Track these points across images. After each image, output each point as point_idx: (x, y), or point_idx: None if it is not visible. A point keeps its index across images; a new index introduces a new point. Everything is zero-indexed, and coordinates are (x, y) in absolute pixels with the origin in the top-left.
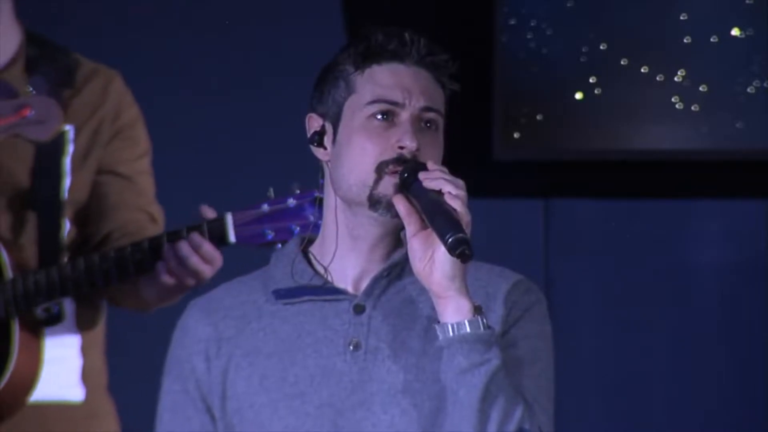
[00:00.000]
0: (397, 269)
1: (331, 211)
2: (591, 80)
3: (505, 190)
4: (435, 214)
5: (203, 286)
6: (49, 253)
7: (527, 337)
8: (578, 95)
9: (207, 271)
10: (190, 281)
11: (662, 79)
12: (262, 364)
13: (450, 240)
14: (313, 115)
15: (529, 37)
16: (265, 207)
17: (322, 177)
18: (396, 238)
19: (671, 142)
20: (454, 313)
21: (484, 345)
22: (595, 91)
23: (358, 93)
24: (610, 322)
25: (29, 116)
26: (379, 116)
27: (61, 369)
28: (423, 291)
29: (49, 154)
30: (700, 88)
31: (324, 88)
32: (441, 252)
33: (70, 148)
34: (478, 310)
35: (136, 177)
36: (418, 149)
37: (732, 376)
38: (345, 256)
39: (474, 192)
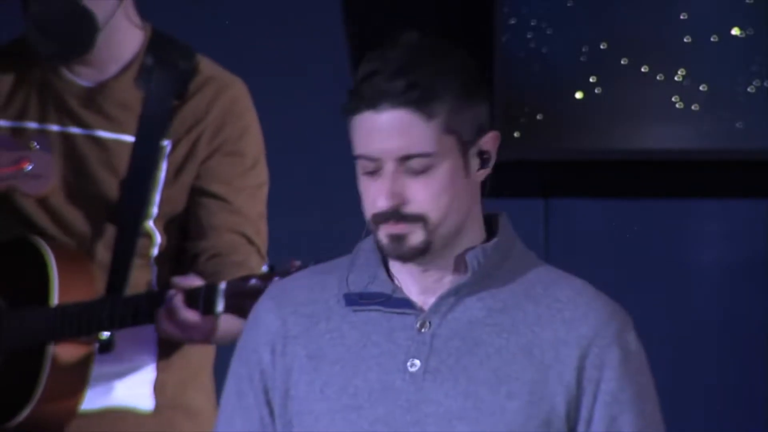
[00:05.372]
0: (465, 289)
1: None
2: (591, 80)
3: (505, 190)
4: None
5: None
6: (120, 270)
7: (619, 416)
8: (578, 95)
9: (176, 335)
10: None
11: (662, 78)
12: (326, 371)
13: None
14: None
15: (529, 36)
16: (254, 281)
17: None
18: (447, 260)
19: (671, 141)
20: None
21: None
22: (596, 91)
23: (353, 138)
24: None
25: (26, 169)
26: (365, 171)
27: (135, 380)
28: (490, 312)
29: (142, 169)
30: (701, 88)
31: None
32: None
33: (164, 164)
34: None
35: (233, 196)
36: (396, 205)
37: (732, 375)
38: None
39: None
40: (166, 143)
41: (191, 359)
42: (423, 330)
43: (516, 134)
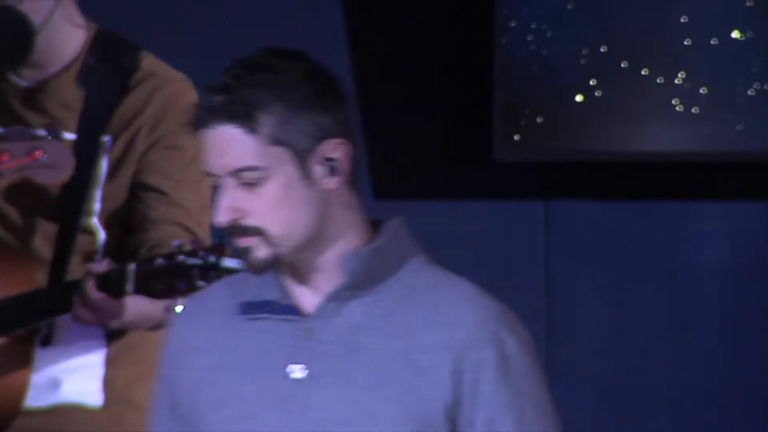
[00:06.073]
0: (345, 293)
1: None
2: (591, 82)
3: (506, 192)
4: None
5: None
6: (61, 266)
7: (498, 419)
8: (579, 97)
9: (91, 319)
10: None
11: (662, 81)
12: (224, 381)
13: None
14: None
15: (529, 39)
16: (160, 261)
17: None
18: (319, 266)
19: (671, 144)
20: None
21: None
22: (596, 93)
23: None
24: (610, 323)
25: (40, 159)
26: (213, 185)
27: (83, 376)
28: (372, 316)
29: (83, 165)
30: (701, 91)
31: None
32: None
33: (104, 160)
34: None
35: (173, 188)
36: (234, 219)
37: (732, 376)
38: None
39: (474, 193)
40: (107, 139)
41: (142, 355)
42: (307, 336)
43: (516, 136)
